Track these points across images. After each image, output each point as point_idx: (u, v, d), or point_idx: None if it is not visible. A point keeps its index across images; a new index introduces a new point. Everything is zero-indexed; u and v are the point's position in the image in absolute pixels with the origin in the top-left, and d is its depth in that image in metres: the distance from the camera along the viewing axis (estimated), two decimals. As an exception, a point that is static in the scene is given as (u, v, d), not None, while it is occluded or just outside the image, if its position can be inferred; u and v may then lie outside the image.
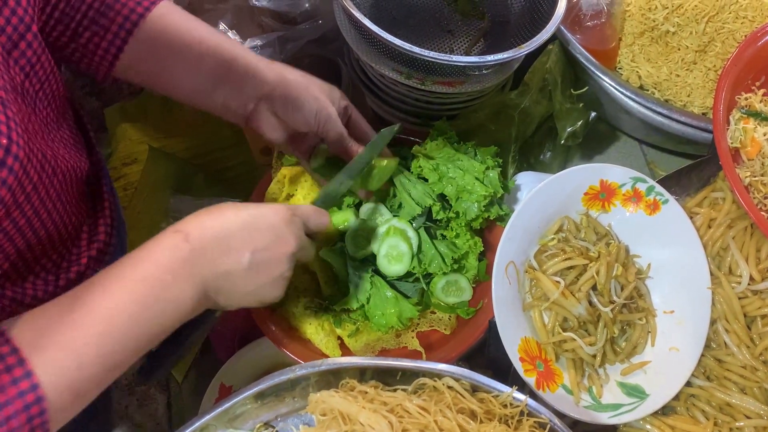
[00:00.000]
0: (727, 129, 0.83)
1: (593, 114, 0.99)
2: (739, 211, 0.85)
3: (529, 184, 0.95)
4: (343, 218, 0.89)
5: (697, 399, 0.82)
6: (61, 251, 0.71)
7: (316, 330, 0.86)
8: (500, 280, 0.77)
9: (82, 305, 0.54)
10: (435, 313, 0.89)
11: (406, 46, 0.84)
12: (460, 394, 0.65)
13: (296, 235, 0.66)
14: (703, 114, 0.98)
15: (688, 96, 0.98)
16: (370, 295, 0.86)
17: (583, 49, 0.97)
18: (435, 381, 0.66)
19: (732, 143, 0.83)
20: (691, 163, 0.89)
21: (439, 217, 0.87)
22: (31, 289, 0.67)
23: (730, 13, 0.92)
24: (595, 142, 1.11)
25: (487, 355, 0.86)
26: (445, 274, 0.86)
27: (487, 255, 0.89)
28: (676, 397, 0.81)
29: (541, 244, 0.83)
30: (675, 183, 0.89)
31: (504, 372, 0.79)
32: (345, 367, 0.67)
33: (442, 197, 0.89)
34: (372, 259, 0.88)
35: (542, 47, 0.94)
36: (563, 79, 0.97)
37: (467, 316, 0.87)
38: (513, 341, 0.76)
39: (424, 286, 0.87)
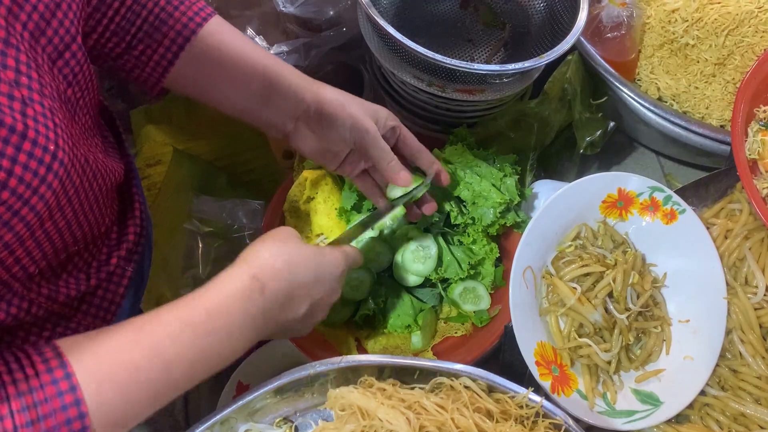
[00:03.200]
0: (745, 141, 0.84)
1: (612, 124, 1.00)
2: (756, 222, 0.86)
3: (546, 192, 0.96)
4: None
5: (712, 408, 0.82)
6: (93, 251, 0.72)
7: (333, 330, 0.87)
8: (518, 284, 0.78)
9: (145, 346, 0.55)
10: (447, 323, 0.90)
11: (428, 53, 0.86)
12: (477, 394, 0.66)
13: (342, 283, 0.71)
14: (721, 126, 0.99)
15: (707, 108, 0.99)
16: (386, 298, 0.87)
17: (602, 61, 0.98)
18: (452, 380, 0.67)
19: (750, 155, 0.83)
20: (709, 174, 0.90)
21: (456, 222, 0.88)
22: (65, 287, 0.69)
23: (749, 27, 0.93)
24: (612, 153, 1.12)
25: (502, 361, 0.87)
26: (462, 280, 0.87)
27: (503, 261, 0.90)
28: (691, 406, 0.81)
29: (559, 251, 0.84)
30: (692, 194, 0.90)
31: (519, 377, 0.80)
32: (364, 365, 0.68)
33: (459, 202, 0.90)
34: (387, 269, 0.89)
35: (562, 57, 0.96)
36: (583, 89, 0.98)
37: (481, 323, 0.87)
38: (529, 345, 0.77)
39: (442, 291, 0.89)
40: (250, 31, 0.96)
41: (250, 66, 0.73)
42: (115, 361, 0.54)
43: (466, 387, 0.66)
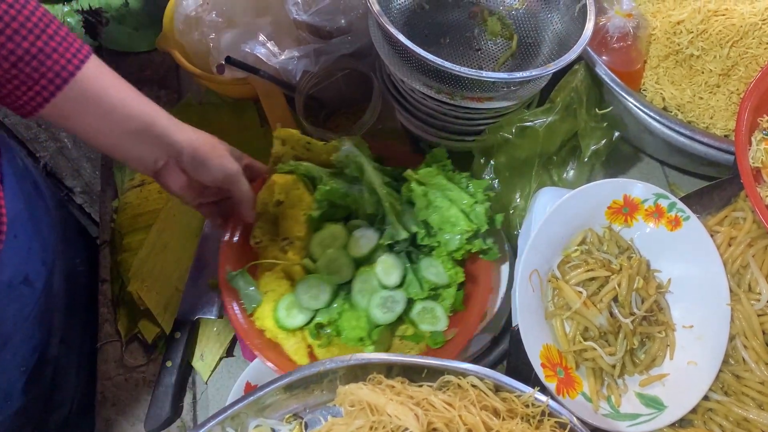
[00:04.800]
0: (749, 149, 0.86)
1: (617, 134, 1.02)
2: (759, 230, 0.87)
3: (551, 199, 0.97)
4: (331, 233, 0.94)
5: (715, 413, 0.83)
6: None
7: (287, 336, 0.89)
8: (524, 287, 0.79)
9: None
10: (402, 341, 0.90)
11: (438, 61, 0.88)
12: (484, 393, 0.67)
13: None
14: (725, 136, 1.01)
15: (711, 118, 1.01)
16: (343, 311, 0.89)
17: (608, 70, 1.00)
18: (460, 379, 0.68)
19: (753, 163, 0.85)
20: (713, 183, 0.92)
21: (423, 243, 0.90)
22: None
23: (753, 38, 0.95)
24: (617, 162, 1.13)
25: (507, 365, 0.88)
26: (422, 300, 0.89)
27: (467, 286, 0.91)
28: (694, 411, 0.82)
29: (565, 255, 0.86)
30: (696, 202, 0.91)
31: (524, 382, 0.81)
32: (372, 363, 0.70)
33: (426, 224, 0.91)
34: (348, 283, 0.92)
35: (569, 67, 0.97)
36: (588, 99, 1.00)
37: (435, 345, 0.87)
38: (535, 347, 0.78)
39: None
40: (261, 37, 0.98)
41: (126, 109, 0.76)
42: None
43: (473, 386, 0.67)
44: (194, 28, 1.12)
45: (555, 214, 0.82)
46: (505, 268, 0.96)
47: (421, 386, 0.68)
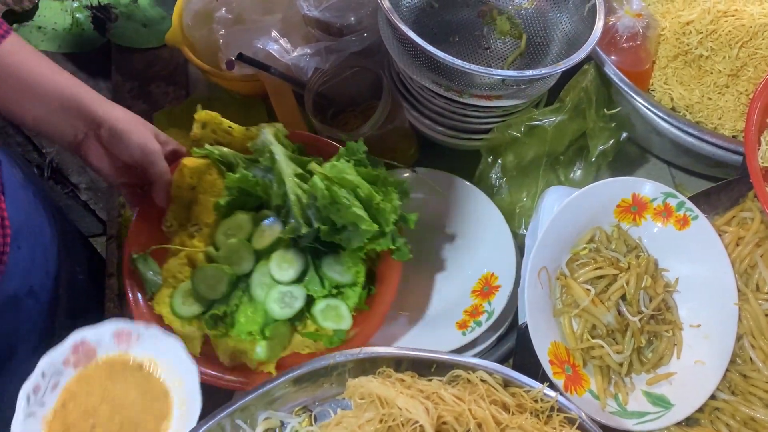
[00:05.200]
0: (758, 149, 0.86)
1: (625, 134, 1.02)
2: (767, 231, 0.87)
3: (558, 198, 0.97)
4: (237, 222, 0.92)
5: (722, 412, 0.83)
6: None
7: (182, 324, 0.87)
8: (533, 284, 0.79)
9: None
10: (303, 338, 0.88)
11: (448, 57, 0.88)
12: (493, 388, 0.67)
13: None
14: (734, 137, 1.01)
15: (719, 119, 1.01)
16: (240, 303, 0.88)
17: (617, 70, 1.00)
18: (469, 374, 0.68)
19: (763, 163, 0.85)
20: (721, 183, 0.92)
21: (327, 240, 0.87)
22: None
23: (763, 39, 0.95)
24: (624, 163, 1.13)
25: (514, 363, 0.88)
26: (325, 297, 0.88)
27: (376, 285, 0.90)
28: (701, 410, 0.82)
29: (573, 253, 0.86)
30: (704, 201, 0.91)
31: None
32: (382, 357, 0.70)
33: (331, 220, 0.88)
34: (248, 275, 0.90)
35: (578, 66, 0.98)
36: (597, 99, 1.00)
37: (332, 344, 0.86)
38: (543, 344, 0.78)
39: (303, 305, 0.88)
40: (274, 34, 0.98)
41: (46, 82, 0.77)
42: None
43: (483, 381, 0.67)
44: (204, 25, 1.12)
45: (564, 211, 0.82)
46: (511, 267, 0.96)
47: (430, 380, 0.68)
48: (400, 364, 0.70)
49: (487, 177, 1.04)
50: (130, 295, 0.88)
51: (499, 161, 1.03)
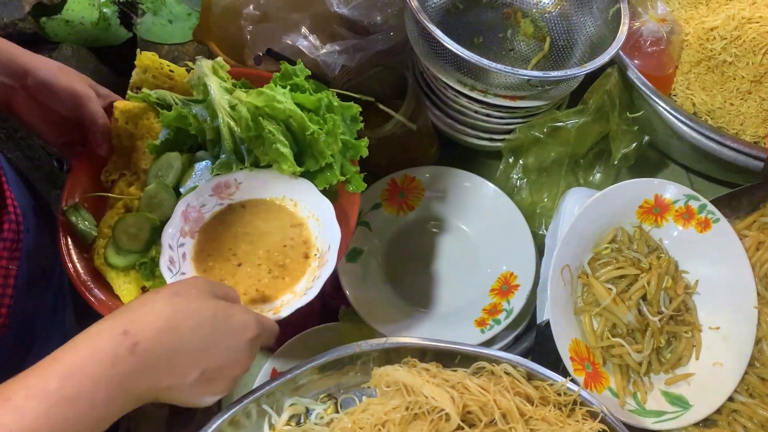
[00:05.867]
0: (781, 154, 0.87)
1: (647, 138, 1.03)
2: (788, 235, 0.88)
3: (579, 199, 0.98)
4: (166, 160, 0.87)
5: (739, 415, 0.84)
6: None
7: (117, 275, 0.82)
8: (556, 281, 0.80)
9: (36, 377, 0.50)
10: None
11: (474, 57, 0.90)
12: (517, 380, 0.68)
13: (253, 356, 0.62)
14: (755, 142, 1.01)
15: (741, 125, 1.02)
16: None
17: (640, 74, 1.01)
18: (493, 366, 0.69)
19: (784, 168, 0.86)
20: (743, 187, 0.92)
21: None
22: None
23: (787, 46, 0.96)
24: (643, 167, 1.14)
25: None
26: None
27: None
28: (719, 411, 0.83)
29: (595, 252, 0.87)
30: (725, 205, 0.92)
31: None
32: (407, 347, 0.71)
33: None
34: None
35: (601, 69, 0.99)
36: (620, 102, 1.01)
37: None
38: (564, 341, 0.79)
39: None
40: (303, 30, 0.99)
41: None
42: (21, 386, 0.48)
43: (507, 373, 0.68)
44: (231, 21, 1.14)
45: (588, 210, 0.83)
46: (530, 267, 0.97)
47: (455, 371, 0.69)
48: (424, 354, 0.71)
49: (507, 177, 1.05)
50: (63, 248, 0.82)
51: (521, 162, 1.04)
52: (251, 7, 1.10)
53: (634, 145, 1.02)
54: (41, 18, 1.31)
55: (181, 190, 0.85)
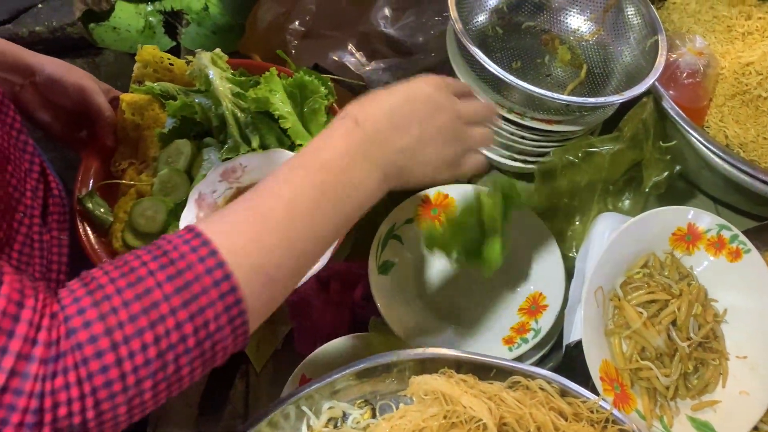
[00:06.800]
0: (814, 189, 0.88)
1: (678, 167, 1.05)
2: (817, 269, 0.89)
3: (611, 225, 1.00)
4: (176, 147, 0.91)
5: (764, 444, 0.85)
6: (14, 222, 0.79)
7: None
8: (590, 302, 0.82)
9: (263, 194, 0.56)
10: None
11: (516, 80, 0.92)
12: (551, 396, 0.69)
13: (452, 99, 0.70)
14: (787, 177, 1.03)
15: (773, 158, 1.04)
16: None
17: (675, 105, 1.03)
18: (528, 381, 0.71)
19: (817, 203, 0.87)
20: (775, 220, 0.94)
21: None
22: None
23: (822, 84, 0.98)
24: (671, 197, 1.15)
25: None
26: None
27: None
28: (744, 439, 0.84)
29: (627, 276, 0.88)
30: (755, 237, 0.93)
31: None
32: (443, 357, 0.72)
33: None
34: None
35: (636, 98, 1.01)
36: (654, 131, 1.03)
37: None
38: (596, 361, 0.81)
39: None
40: (350, 47, 1.03)
41: None
42: (239, 214, 0.54)
43: (541, 388, 0.70)
44: (275, 35, 1.17)
45: (623, 234, 0.85)
46: (559, 288, 0.99)
47: (491, 384, 0.71)
48: (460, 367, 0.73)
49: (540, 199, 1.07)
50: (82, 235, 0.87)
51: (554, 184, 1.06)
52: (297, 23, 1.14)
53: (666, 174, 1.04)
54: (90, 24, 1.35)
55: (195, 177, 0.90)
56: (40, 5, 1.37)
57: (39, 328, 0.44)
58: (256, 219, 0.54)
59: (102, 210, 0.89)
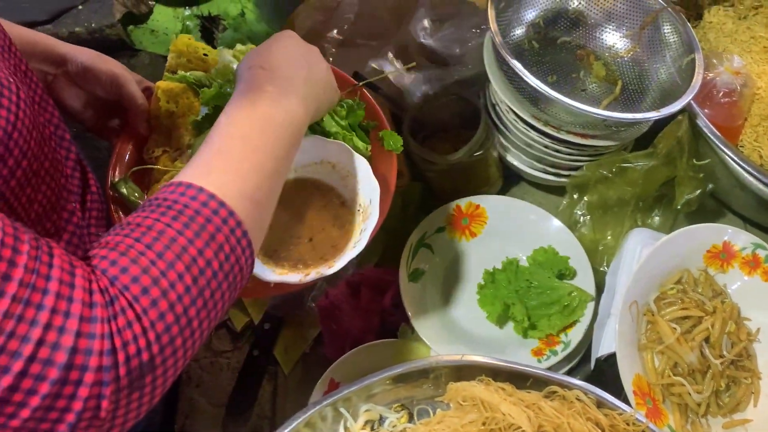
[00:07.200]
0: None
1: (710, 185, 1.05)
2: None
3: (642, 240, 1.00)
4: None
5: (795, 465, 0.84)
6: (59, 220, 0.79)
7: None
8: (625, 316, 0.82)
9: (219, 139, 0.62)
10: None
11: (555, 94, 0.93)
12: (588, 406, 0.70)
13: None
14: (820, 198, 1.03)
15: (807, 180, 1.04)
16: None
17: (709, 123, 1.03)
18: (565, 391, 0.71)
19: None
20: (808, 241, 0.94)
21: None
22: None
23: None
24: (701, 215, 1.15)
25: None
26: None
27: None
28: (774, 459, 0.84)
29: (661, 292, 0.89)
30: (789, 257, 0.94)
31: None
32: (481, 365, 0.73)
33: None
34: None
35: (672, 115, 1.01)
36: (689, 149, 1.03)
37: None
38: (629, 375, 0.81)
39: None
40: (390, 56, 1.04)
41: (10, 32, 0.79)
42: (210, 158, 0.60)
43: (578, 399, 0.70)
44: (314, 43, 1.18)
45: (659, 249, 0.86)
46: (590, 302, 0.99)
47: (528, 392, 0.71)
48: (496, 375, 0.73)
49: (571, 213, 1.07)
50: (117, 216, 0.88)
51: (585, 198, 1.06)
52: (335, 32, 1.16)
53: (698, 191, 1.04)
54: (129, 26, 1.38)
55: None
56: (80, 6, 1.39)
57: (91, 282, 0.48)
58: (224, 156, 0.60)
59: (136, 195, 0.90)
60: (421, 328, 0.98)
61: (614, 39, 1.15)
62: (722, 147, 1.03)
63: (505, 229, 1.08)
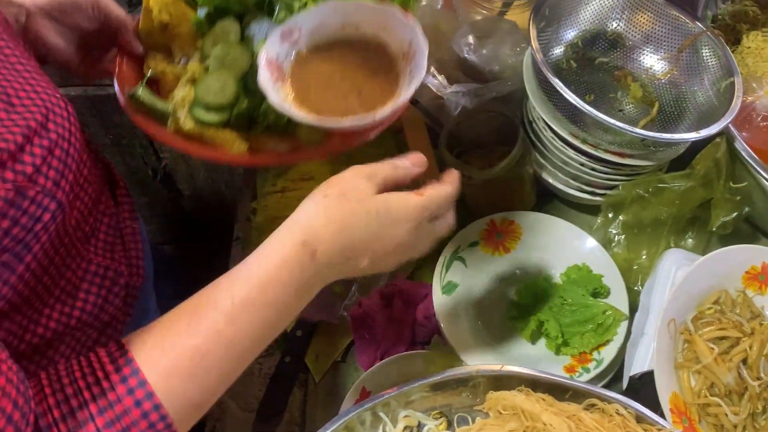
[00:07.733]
0: None
1: (747, 209, 1.05)
2: None
3: (677, 261, 1.00)
4: (221, 28, 0.86)
5: (832, 491, 0.83)
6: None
7: (216, 131, 0.82)
8: (663, 333, 0.82)
9: (206, 327, 0.58)
10: None
11: (596, 113, 0.94)
12: (628, 420, 0.70)
13: (427, 238, 0.69)
14: None
15: None
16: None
17: (747, 147, 1.04)
18: (604, 404, 0.71)
19: None
20: None
21: None
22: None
23: None
24: (735, 239, 1.14)
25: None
26: None
27: None
28: (811, 485, 0.83)
29: (698, 311, 0.89)
30: (827, 283, 0.94)
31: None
32: (520, 375, 0.73)
33: None
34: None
35: (710, 138, 1.02)
36: (726, 171, 1.04)
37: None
38: (666, 393, 0.81)
39: None
40: (432, 70, 1.06)
41: None
42: (179, 353, 0.56)
43: (617, 413, 0.70)
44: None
45: (698, 269, 0.86)
46: (623, 322, 0.99)
47: (568, 404, 0.71)
48: (535, 386, 0.74)
49: (605, 231, 1.08)
50: (146, 125, 0.83)
51: (620, 218, 1.07)
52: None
53: (735, 214, 1.04)
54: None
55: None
56: None
57: None
58: (196, 359, 0.57)
59: (158, 102, 0.84)
60: (454, 339, 0.99)
61: (652, 61, 1.16)
62: (760, 170, 1.03)
63: (539, 246, 1.09)
